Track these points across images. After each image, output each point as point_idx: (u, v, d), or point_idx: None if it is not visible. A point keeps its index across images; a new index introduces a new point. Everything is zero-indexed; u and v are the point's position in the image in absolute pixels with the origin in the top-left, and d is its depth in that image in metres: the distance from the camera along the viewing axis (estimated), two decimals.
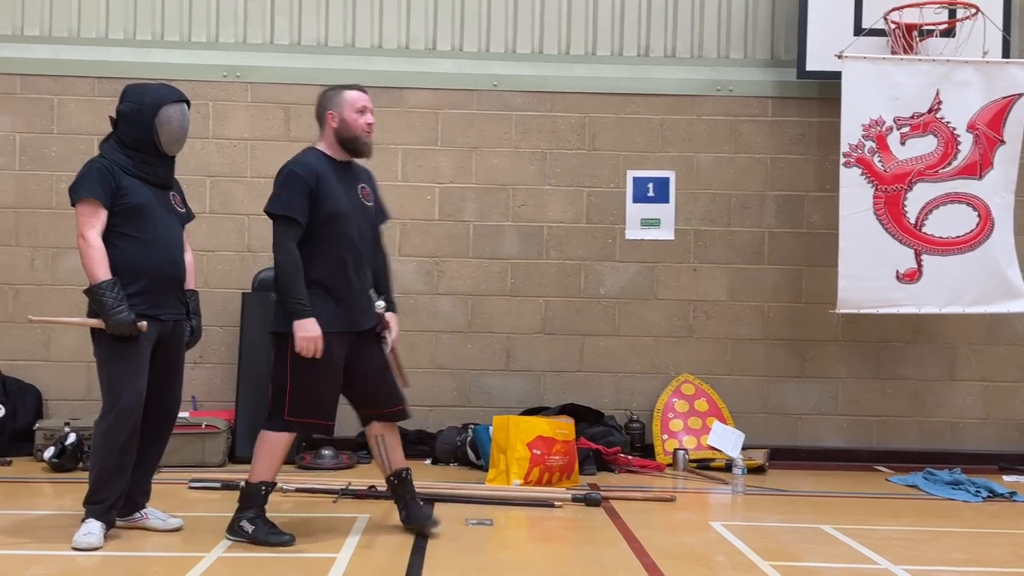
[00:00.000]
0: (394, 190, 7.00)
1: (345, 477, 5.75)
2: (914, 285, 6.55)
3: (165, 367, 4.41)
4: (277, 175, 4.44)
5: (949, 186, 6.55)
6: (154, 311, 4.31)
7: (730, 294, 7.10)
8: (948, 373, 7.11)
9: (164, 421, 4.50)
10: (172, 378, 4.48)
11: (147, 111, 4.34)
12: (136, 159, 4.35)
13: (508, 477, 5.69)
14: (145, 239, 4.30)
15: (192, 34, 7.02)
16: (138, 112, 4.34)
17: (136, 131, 4.34)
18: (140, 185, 4.34)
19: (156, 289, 4.32)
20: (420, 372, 6.97)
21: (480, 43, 7.13)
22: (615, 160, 7.08)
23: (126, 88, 4.47)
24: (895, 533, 4.94)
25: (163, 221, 4.38)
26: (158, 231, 4.34)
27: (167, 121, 4.35)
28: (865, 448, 7.06)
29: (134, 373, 4.26)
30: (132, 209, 4.29)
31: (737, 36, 7.19)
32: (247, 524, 4.32)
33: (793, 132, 7.12)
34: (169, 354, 4.43)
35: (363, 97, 4.52)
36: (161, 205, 4.40)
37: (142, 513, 4.52)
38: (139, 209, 4.31)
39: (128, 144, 4.35)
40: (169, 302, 4.39)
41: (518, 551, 4.52)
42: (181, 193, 4.61)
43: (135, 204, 4.30)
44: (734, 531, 4.81)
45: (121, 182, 4.29)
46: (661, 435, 6.83)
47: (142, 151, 4.35)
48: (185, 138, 4.47)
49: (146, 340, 4.28)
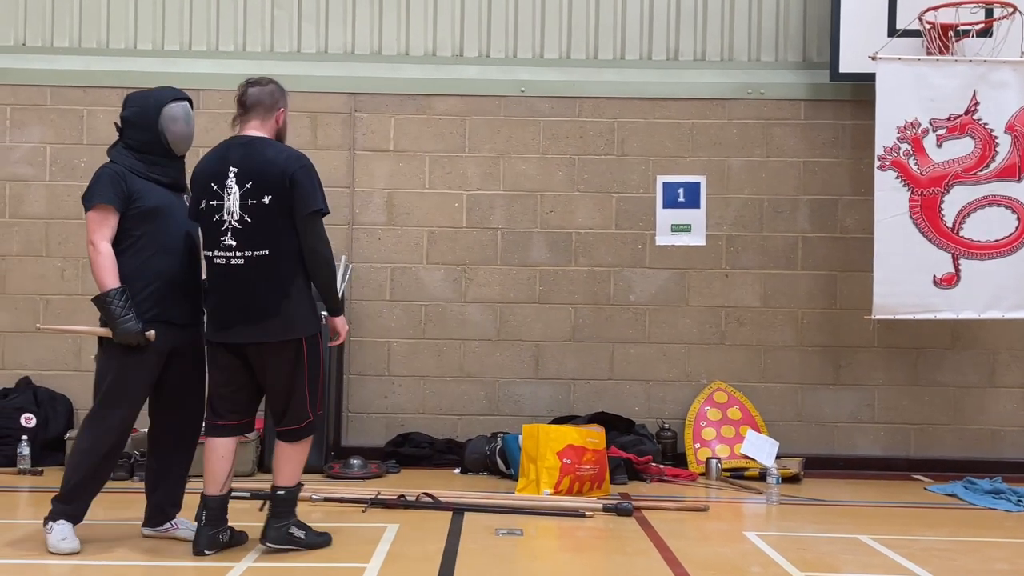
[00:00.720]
0: (421, 197, 7.05)
1: (374, 486, 5.76)
2: (952, 290, 6.47)
3: (184, 373, 4.40)
4: (301, 170, 4.28)
5: (987, 189, 6.47)
6: (167, 316, 4.29)
7: (763, 300, 7.06)
8: (988, 379, 7.02)
9: (187, 429, 4.49)
10: (192, 384, 4.45)
11: (151, 112, 4.36)
12: (147, 161, 4.36)
13: (538, 486, 5.68)
14: (159, 242, 4.29)
15: (220, 43, 7.10)
16: (142, 115, 4.37)
17: (143, 134, 4.36)
18: (153, 187, 4.34)
19: (169, 293, 4.30)
20: (448, 380, 6.99)
21: (507, 49, 7.15)
22: (644, 165, 7.07)
23: (128, 95, 4.52)
24: (935, 543, 4.88)
25: (178, 224, 4.37)
26: (173, 234, 4.34)
27: (172, 119, 4.37)
28: (903, 457, 6.99)
29: (137, 384, 4.27)
30: (147, 212, 4.29)
31: (768, 38, 7.16)
32: (297, 531, 4.34)
33: (826, 135, 7.07)
34: (185, 361, 4.40)
35: None
36: (175, 207, 4.39)
37: (172, 523, 4.55)
38: (154, 212, 4.30)
39: (136, 148, 4.37)
40: (183, 307, 4.36)
41: (549, 561, 4.51)
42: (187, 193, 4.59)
43: (150, 207, 4.30)
44: (769, 541, 4.77)
45: (133, 185, 4.29)
46: (693, 444, 6.79)
47: (151, 153, 4.37)
48: (192, 136, 4.48)
49: (155, 350, 4.26)
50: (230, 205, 4.21)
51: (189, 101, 4.49)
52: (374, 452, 6.67)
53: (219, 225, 4.23)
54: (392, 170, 7.07)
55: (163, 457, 4.49)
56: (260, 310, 4.21)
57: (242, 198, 4.20)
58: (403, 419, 6.98)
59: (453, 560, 4.28)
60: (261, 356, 4.26)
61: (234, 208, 4.21)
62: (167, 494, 4.51)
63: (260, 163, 4.24)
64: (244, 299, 4.22)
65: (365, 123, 7.05)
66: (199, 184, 4.31)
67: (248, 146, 4.31)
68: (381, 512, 5.22)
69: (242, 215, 4.20)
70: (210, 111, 6.99)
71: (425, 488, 5.50)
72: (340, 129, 7.06)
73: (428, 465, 6.71)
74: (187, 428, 4.50)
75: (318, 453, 6.43)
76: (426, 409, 7.00)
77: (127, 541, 4.50)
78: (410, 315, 7.02)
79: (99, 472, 4.34)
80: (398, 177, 7.06)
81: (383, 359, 6.98)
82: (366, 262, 7.02)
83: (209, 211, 4.27)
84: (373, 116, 7.05)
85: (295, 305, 4.23)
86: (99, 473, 4.34)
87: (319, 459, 6.40)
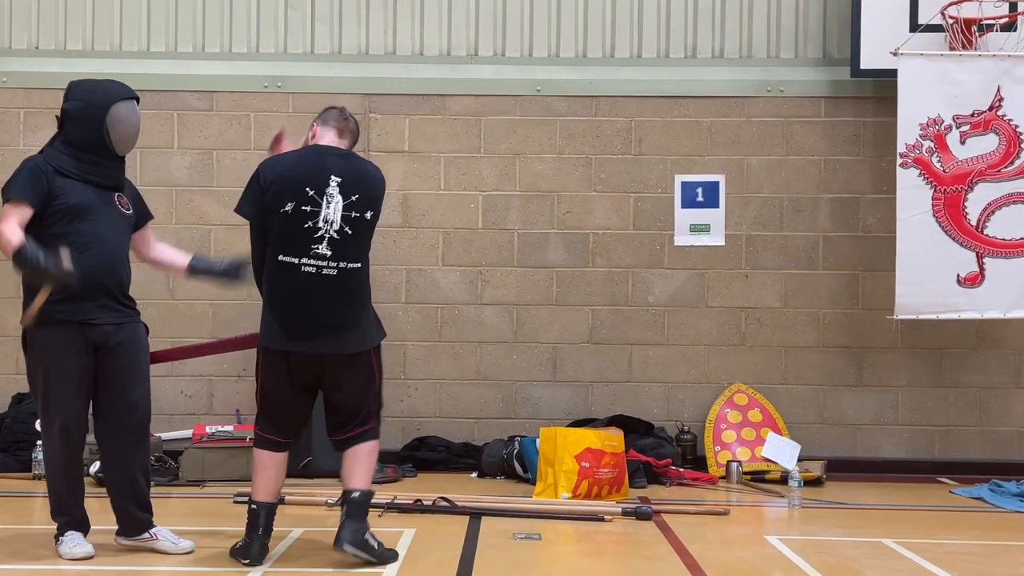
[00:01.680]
0: (436, 199, 7.06)
1: (390, 491, 5.77)
2: (976, 289, 6.44)
3: (115, 372, 4.28)
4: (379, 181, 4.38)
5: (1012, 186, 6.43)
6: (84, 316, 4.18)
7: (784, 301, 7.04)
8: (1014, 380, 6.97)
9: (125, 429, 4.32)
10: (128, 382, 4.31)
11: (97, 109, 4.21)
12: (83, 159, 4.23)
13: (556, 490, 5.68)
14: (79, 242, 4.15)
15: (233, 45, 7.13)
16: (86, 110, 4.22)
17: (85, 130, 4.22)
18: (81, 186, 4.21)
19: (88, 294, 4.17)
20: (465, 383, 7.00)
21: (523, 48, 7.15)
22: (662, 164, 7.06)
23: (71, 84, 4.36)
24: (960, 547, 4.85)
25: (103, 224, 4.24)
26: (95, 234, 4.21)
27: (119, 120, 4.23)
28: (927, 459, 6.95)
29: (65, 388, 4.19)
30: (68, 209, 4.18)
31: (788, 35, 7.14)
32: (372, 539, 4.25)
33: (847, 133, 7.04)
34: (118, 359, 4.28)
35: None
36: (104, 208, 4.27)
37: (152, 533, 4.41)
38: (75, 210, 4.19)
39: (76, 144, 4.23)
40: (105, 307, 4.24)
41: (567, 566, 4.52)
42: (134, 195, 4.51)
43: (71, 204, 4.18)
44: (791, 546, 4.75)
45: (54, 183, 4.18)
46: (713, 447, 6.77)
47: (90, 151, 4.23)
48: (136, 137, 4.35)
49: (74, 352, 4.17)
50: (330, 214, 4.18)
51: (136, 99, 4.38)
52: (390, 456, 6.68)
53: (311, 232, 4.17)
54: (407, 171, 7.08)
55: (113, 459, 4.39)
56: (345, 322, 4.23)
57: (345, 209, 4.20)
58: (419, 422, 6.99)
59: (470, 565, 4.28)
60: (339, 367, 4.25)
61: (334, 218, 4.18)
62: (125, 500, 4.38)
63: (364, 178, 4.29)
64: (331, 310, 4.20)
65: (379, 124, 7.07)
66: (287, 186, 4.20)
67: (347, 159, 4.33)
68: (397, 517, 5.22)
69: (343, 226, 4.19)
70: (223, 113, 7.05)
71: (442, 492, 5.50)
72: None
73: (445, 469, 6.72)
74: (124, 430, 4.34)
75: (333, 457, 6.46)
76: (442, 412, 7.01)
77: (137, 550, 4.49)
78: (426, 317, 7.03)
79: (69, 482, 4.30)
80: (413, 178, 7.08)
81: (399, 362, 6.99)
82: (381, 264, 7.03)
83: (299, 216, 4.16)
84: (387, 117, 7.07)
85: (371, 316, 4.36)
86: (70, 483, 4.31)
87: (335, 463, 6.42)
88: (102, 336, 4.25)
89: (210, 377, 6.95)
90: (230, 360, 6.94)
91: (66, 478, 4.30)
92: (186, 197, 7.00)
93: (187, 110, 7.03)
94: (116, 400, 4.32)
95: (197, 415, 6.87)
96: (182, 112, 7.02)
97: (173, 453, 6.39)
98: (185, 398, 6.94)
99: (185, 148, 7.03)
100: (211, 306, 6.96)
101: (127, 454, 4.36)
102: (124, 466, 4.37)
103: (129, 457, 4.36)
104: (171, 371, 6.88)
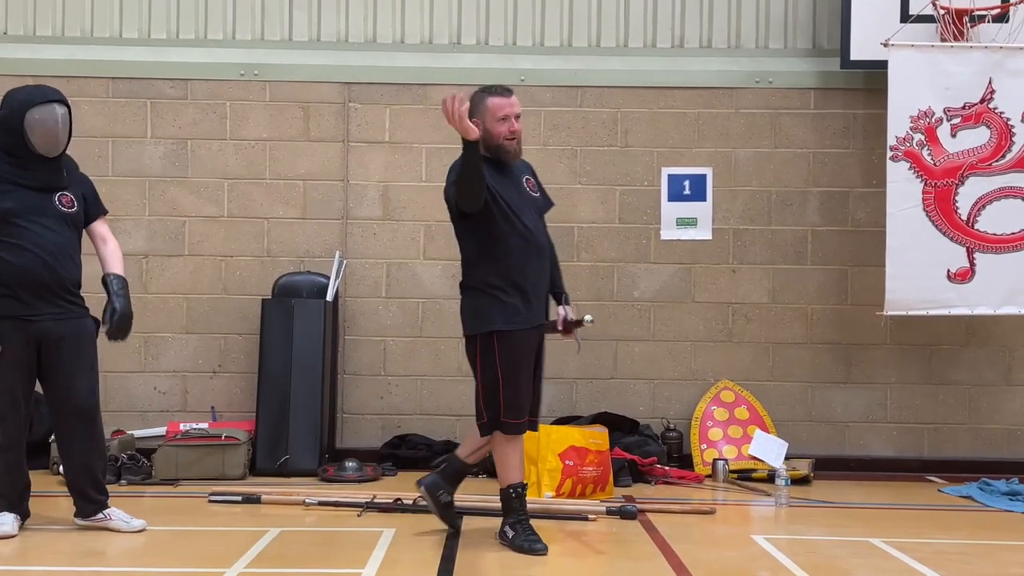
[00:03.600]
0: (418, 191, 7.06)
1: (370, 490, 5.78)
2: (966, 285, 6.49)
3: (59, 365, 4.62)
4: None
5: (1003, 180, 6.48)
6: (23, 312, 4.52)
7: (771, 296, 7.07)
8: (1004, 377, 7.03)
9: (75, 418, 4.68)
10: (73, 374, 4.65)
11: (14, 115, 4.56)
12: (14, 164, 4.56)
13: (539, 489, 5.70)
14: (14, 244, 4.51)
15: (208, 32, 7.09)
16: (7, 118, 4.57)
17: (7, 136, 4.56)
18: (13, 189, 4.54)
19: (26, 292, 4.52)
20: (447, 380, 7.00)
21: (506, 36, 7.15)
22: (649, 157, 7.07)
23: (6, 93, 4.73)
24: (949, 547, 4.89)
25: (38, 224, 4.55)
26: (30, 235, 4.52)
27: (37, 123, 4.54)
28: (916, 457, 7.00)
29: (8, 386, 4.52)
30: (2, 213, 4.51)
31: (777, 25, 7.16)
32: (509, 530, 4.59)
33: (837, 125, 7.08)
34: (61, 352, 4.61)
35: (506, 103, 4.54)
36: (40, 208, 4.57)
37: (105, 514, 4.74)
38: (8, 214, 4.51)
39: (6, 150, 4.57)
40: (44, 305, 4.56)
41: (550, 566, 4.52)
42: (84, 189, 4.77)
43: (4, 208, 4.51)
44: (778, 545, 4.78)
45: None
46: (700, 445, 6.80)
47: (17, 155, 4.56)
48: (63, 139, 4.62)
49: (14, 344, 4.51)
50: None
51: (62, 102, 4.63)
52: (370, 454, 6.69)
53: None
54: (387, 162, 7.07)
55: (67, 447, 4.72)
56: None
57: None
58: (400, 420, 6.99)
59: (451, 565, 4.29)
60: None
61: None
62: (74, 485, 4.72)
63: None
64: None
65: (359, 114, 7.06)
66: None
67: None
68: (377, 516, 5.23)
69: None
70: (198, 101, 7.01)
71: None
72: (333, 120, 7.07)
73: (426, 467, 6.67)
74: (74, 417, 4.69)
75: (312, 455, 6.48)
76: (423, 409, 7.02)
77: (114, 543, 4.54)
78: (407, 312, 7.03)
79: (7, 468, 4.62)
80: (394, 170, 7.07)
81: (379, 358, 6.99)
82: (361, 258, 7.03)
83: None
84: (367, 106, 7.05)
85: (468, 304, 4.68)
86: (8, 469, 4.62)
87: (313, 462, 6.44)
88: (43, 331, 4.58)
89: (184, 373, 6.93)
90: (205, 356, 6.92)
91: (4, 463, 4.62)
92: (160, 188, 6.97)
93: (161, 98, 6.99)
94: (63, 392, 4.67)
95: (171, 412, 6.84)
96: (155, 101, 6.98)
97: (146, 451, 6.36)
98: (159, 395, 6.91)
99: (159, 138, 7.00)
100: (184, 299, 6.94)
101: (79, 441, 4.72)
102: (78, 453, 4.71)
103: (82, 443, 4.71)
104: (144, 367, 6.87)
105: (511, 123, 4.52)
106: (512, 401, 4.51)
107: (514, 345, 4.49)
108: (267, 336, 6.65)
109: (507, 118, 4.51)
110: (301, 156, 7.04)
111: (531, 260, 4.54)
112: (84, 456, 4.71)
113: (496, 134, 4.51)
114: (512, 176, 4.63)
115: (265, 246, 7.02)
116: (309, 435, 6.47)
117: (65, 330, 4.62)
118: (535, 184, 4.75)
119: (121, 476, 6.02)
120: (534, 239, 4.56)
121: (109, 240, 4.82)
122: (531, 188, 4.70)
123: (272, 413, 6.49)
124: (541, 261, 4.60)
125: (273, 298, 6.77)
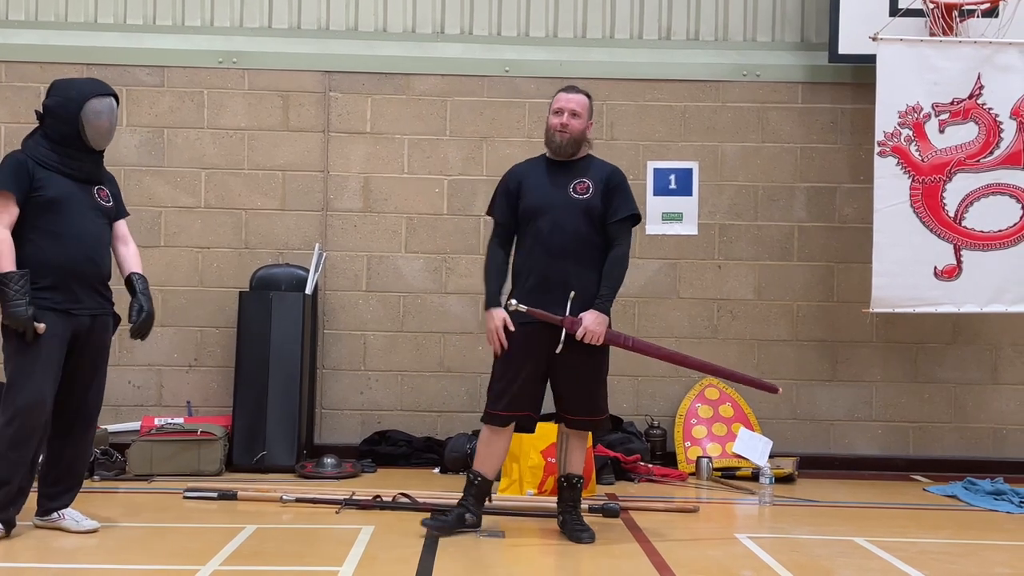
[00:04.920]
0: (399, 183, 7.05)
1: (348, 487, 5.77)
2: (953, 282, 6.53)
3: (82, 364, 4.59)
4: None
5: (991, 177, 6.52)
6: (65, 305, 4.49)
7: (757, 292, 7.10)
8: (990, 376, 7.08)
9: (78, 420, 4.64)
10: (91, 375, 4.64)
11: (72, 105, 4.56)
12: (61, 154, 4.56)
13: (521, 487, 5.71)
14: (59, 233, 4.50)
15: (186, 18, 7.05)
16: (63, 106, 4.57)
17: (62, 126, 4.57)
18: (60, 179, 4.54)
19: (68, 284, 4.50)
20: (428, 375, 7.01)
21: (491, 26, 7.14)
22: (634, 150, 7.08)
23: (54, 82, 4.74)
24: (933, 546, 4.93)
25: (81, 216, 4.57)
26: (74, 226, 4.53)
27: (93, 115, 4.57)
28: (901, 456, 7.05)
29: (37, 372, 4.42)
30: (47, 202, 4.50)
31: (765, 18, 7.18)
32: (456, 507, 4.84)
33: (824, 120, 7.11)
34: (88, 351, 4.60)
35: (561, 98, 4.88)
36: (82, 200, 4.59)
37: (60, 514, 4.66)
38: (54, 202, 4.51)
39: (54, 139, 4.57)
40: (85, 297, 4.56)
41: (532, 564, 4.54)
42: (113, 188, 4.81)
43: (50, 197, 4.50)
44: (761, 544, 4.81)
45: (36, 175, 4.50)
46: (683, 442, 6.83)
47: (68, 145, 4.57)
48: (112, 133, 4.69)
49: (54, 337, 4.45)
50: None
51: (115, 97, 4.70)
52: (349, 451, 6.68)
53: None
54: (368, 153, 7.06)
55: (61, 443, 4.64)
56: None
57: None
58: (380, 416, 6.99)
59: (431, 563, 4.29)
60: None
61: None
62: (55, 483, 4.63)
63: None
64: None
65: (340, 103, 7.04)
66: None
67: None
68: (356, 513, 5.22)
69: None
70: (175, 89, 6.98)
71: (402, 488, 5.51)
72: (313, 110, 7.04)
73: (406, 464, 6.73)
74: (77, 419, 4.64)
75: (289, 451, 6.46)
76: (404, 405, 7.01)
77: (87, 540, 4.52)
78: (387, 307, 7.02)
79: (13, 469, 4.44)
80: (375, 161, 7.05)
81: (359, 353, 6.98)
82: (341, 250, 7.01)
83: None
84: (348, 96, 7.03)
85: None
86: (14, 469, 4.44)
87: (291, 458, 6.42)
88: (81, 325, 4.55)
89: (160, 368, 6.90)
90: (181, 350, 6.90)
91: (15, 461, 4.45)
92: (135, 178, 6.93)
93: (137, 86, 6.95)
94: (79, 389, 4.60)
95: (146, 407, 6.82)
96: (131, 88, 6.93)
97: (120, 446, 6.33)
98: (133, 389, 6.88)
99: (134, 126, 6.95)
100: (160, 292, 6.89)
101: (77, 441, 4.65)
102: (72, 452, 4.65)
103: (79, 443, 4.68)
104: (118, 361, 6.80)
105: (562, 117, 4.82)
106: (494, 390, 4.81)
107: (510, 336, 4.74)
108: (244, 329, 6.62)
109: (560, 112, 4.83)
110: (280, 146, 7.02)
111: (540, 260, 4.79)
112: (69, 459, 4.66)
113: (549, 125, 4.88)
114: (562, 175, 4.85)
115: (243, 238, 6.99)
116: (287, 431, 6.46)
117: (96, 327, 4.61)
118: (587, 187, 4.83)
119: (94, 472, 5.98)
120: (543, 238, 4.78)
121: (130, 242, 4.86)
122: (579, 191, 4.82)
123: (249, 408, 6.47)
124: (553, 260, 4.78)
125: (251, 291, 6.75)
